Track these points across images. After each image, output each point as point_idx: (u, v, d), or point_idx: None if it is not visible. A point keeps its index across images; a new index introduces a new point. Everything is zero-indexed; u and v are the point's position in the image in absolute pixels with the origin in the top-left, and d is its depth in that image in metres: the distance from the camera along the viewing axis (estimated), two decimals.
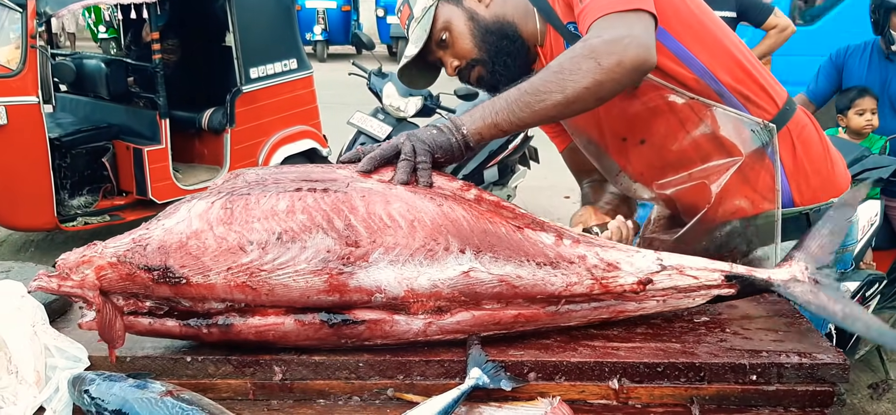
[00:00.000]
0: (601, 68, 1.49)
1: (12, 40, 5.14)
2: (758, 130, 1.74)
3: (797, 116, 1.84)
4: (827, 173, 1.87)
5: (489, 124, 1.51)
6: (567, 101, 1.51)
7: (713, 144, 1.76)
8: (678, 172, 1.82)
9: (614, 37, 1.51)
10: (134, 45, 6.67)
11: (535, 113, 1.52)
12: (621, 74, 1.51)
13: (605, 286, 1.42)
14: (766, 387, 1.33)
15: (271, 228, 1.30)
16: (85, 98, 6.31)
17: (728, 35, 1.80)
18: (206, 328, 1.34)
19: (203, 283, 1.29)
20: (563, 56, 1.54)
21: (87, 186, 5.81)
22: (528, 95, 1.51)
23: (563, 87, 1.50)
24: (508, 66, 1.80)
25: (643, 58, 1.52)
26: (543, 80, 1.51)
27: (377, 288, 1.31)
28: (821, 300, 1.43)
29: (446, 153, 1.49)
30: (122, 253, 1.30)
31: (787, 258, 1.49)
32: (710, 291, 1.46)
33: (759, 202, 1.78)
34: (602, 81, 1.50)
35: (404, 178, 1.42)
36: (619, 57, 1.49)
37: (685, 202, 1.86)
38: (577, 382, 1.34)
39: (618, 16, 1.53)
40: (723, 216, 1.79)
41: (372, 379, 1.35)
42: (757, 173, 1.76)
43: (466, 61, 1.82)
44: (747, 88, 1.77)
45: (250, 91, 6.09)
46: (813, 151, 1.85)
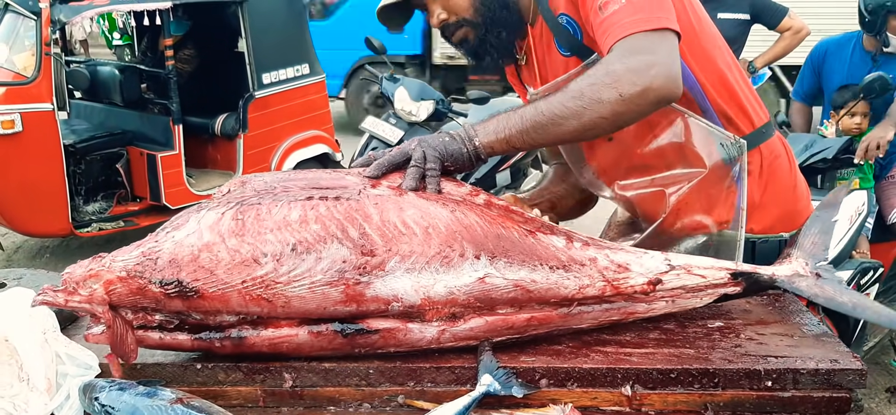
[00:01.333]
0: (623, 100, 1.43)
1: (27, 48, 5.18)
2: (727, 144, 1.68)
3: (772, 143, 1.79)
4: (789, 207, 1.81)
5: (502, 139, 1.48)
6: (583, 128, 1.47)
7: (680, 152, 1.71)
8: (642, 174, 1.77)
9: (639, 66, 1.44)
10: (148, 51, 6.71)
11: (550, 136, 1.49)
12: (644, 106, 1.47)
13: (617, 288, 1.41)
14: (781, 393, 1.31)
15: (285, 239, 1.28)
16: (99, 104, 6.36)
17: (722, 51, 1.75)
18: (219, 342, 1.32)
19: (217, 296, 1.28)
20: (584, 80, 1.47)
21: (102, 192, 5.85)
22: (545, 118, 1.46)
23: (581, 115, 1.45)
24: (502, 38, 1.72)
25: (669, 90, 1.47)
26: (562, 105, 1.46)
27: (394, 297, 1.30)
28: (827, 293, 1.44)
29: (456, 162, 1.47)
30: (132, 267, 1.28)
31: (785, 256, 1.50)
32: (717, 289, 1.46)
33: (719, 219, 1.72)
34: (622, 113, 1.46)
35: (413, 184, 1.40)
36: (643, 88, 1.43)
37: (644, 208, 1.82)
38: (589, 388, 1.33)
39: (643, 37, 1.46)
40: (682, 229, 1.73)
41: (382, 386, 1.34)
42: (720, 189, 1.71)
43: (457, 18, 1.70)
44: (728, 107, 1.72)
45: (263, 96, 6.11)
46: (780, 181, 1.80)
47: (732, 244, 1.69)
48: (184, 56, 6.22)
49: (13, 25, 5.25)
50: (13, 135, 5.05)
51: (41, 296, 1.26)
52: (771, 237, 1.77)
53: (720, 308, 1.56)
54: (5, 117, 5.01)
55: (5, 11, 5.23)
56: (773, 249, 1.74)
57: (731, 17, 4.83)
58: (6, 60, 5.19)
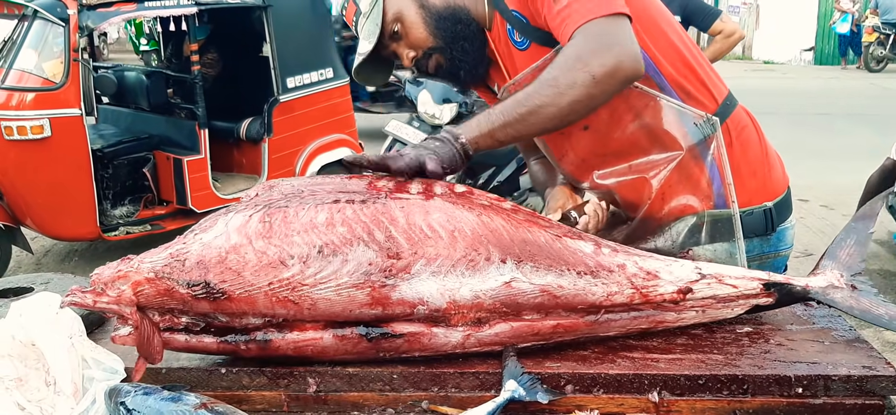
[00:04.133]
0: (596, 81, 1.52)
1: (56, 54, 5.25)
2: (700, 123, 1.72)
3: (737, 115, 1.82)
4: (764, 176, 1.85)
5: (485, 134, 1.54)
6: (561, 115, 1.55)
7: (655, 136, 1.73)
8: (619, 162, 1.79)
9: (604, 48, 1.53)
10: (174, 57, 6.78)
11: (531, 125, 1.56)
12: (615, 85, 1.55)
13: (646, 296, 1.39)
14: (812, 400, 1.29)
15: (312, 241, 1.28)
16: (126, 110, 6.42)
17: (674, 27, 1.79)
18: (245, 345, 1.32)
19: (244, 298, 1.28)
20: (555, 68, 1.55)
21: (129, 196, 5.91)
22: (523, 108, 1.53)
23: (558, 101, 1.53)
24: (466, 50, 1.77)
25: (635, 68, 1.56)
26: (538, 94, 1.53)
27: (419, 300, 1.30)
28: (863, 305, 1.44)
29: (450, 164, 1.51)
30: (160, 268, 1.28)
31: (819, 268, 1.50)
32: (749, 300, 1.45)
33: (703, 199, 1.75)
34: (595, 95, 1.54)
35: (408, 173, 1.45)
36: (613, 67, 1.52)
37: (625, 196, 1.81)
38: (615, 394, 1.31)
39: (602, 22, 1.54)
40: (669, 213, 1.76)
41: (406, 391, 1.33)
42: (700, 169, 1.74)
43: (423, 51, 1.78)
44: (688, 83, 1.75)
45: (287, 100, 6.14)
46: (751, 151, 1.83)
47: (727, 222, 1.73)
48: (208, 60, 6.27)
49: (42, 32, 5.31)
50: (42, 140, 5.11)
51: (70, 297, 1.27)
52: (755, 208, 1.80)
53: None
54: (34, 123, 5.07)
55: (34, 18, 5.30)
56: (759, 221, 1.80)
57: None
58: (35, 67, 5.26)
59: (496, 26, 1.78)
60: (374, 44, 1.76)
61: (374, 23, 1.75)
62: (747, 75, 16.49)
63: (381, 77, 1.93)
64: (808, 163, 8.68)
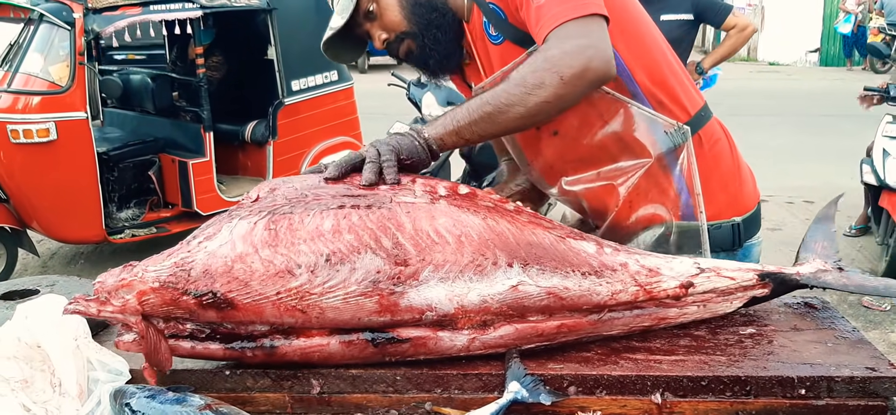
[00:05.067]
0: (564, 82, 1.49)
1: (61, 58, 5.27)
2: (671, 132, 1.70)
3: (711, 127, 1.80)
4: (735, 191, 1.83)
5: (451, 132, 1.54)
6: (529, 115, 1.53)
7: (624, 143, 1.72)
8: (588, 168, 1.77)
9: (575, 49, 1.50)
10: (179, 60, 6.79)
11: (497, 125, 1.54)
12: (583, 87, 1.53)
13: (649, 292, 1.40)
14: (815, 402, 1.29)
15: (319, 249, 1.27)
16: (132, 113, 6.44)
17: (653, 35, 1.77)
18: (251, 351, 1.32)
19: (252, 307, 1.27)
20: (524, 68, 1.53)
21: (135, 199, 5.93)
22: (490, 107, 1.52)
23: (526, 101, 1.51)
24: (439, 39, 1.75)
25: (605, 70, 1.53)
26: (506, 93, 1.52)
27: (428, 306, 1.30)
28: (856, 281, 1.50)
29: (411, 155, 1.50)
30: (166, 278, 1.27)
31: (801, 259, 1.56)
32: (747, 292, 1.47)
33: (671, 209, 1.73)
34: (564, 95, 1.51)
35: (372, 177, 1.43)
36: (582, 69, 1.50)
37: (593, 203, 1.80)
38: (618, 396, 1.31)
39: (576, 24, 1.52)
40: (637, 222, 1.75)
41: (410, 393, 1.33)
42: (668, 178, 1.72)
43: (395, 34, 1.76)
44: (661, 91, 1.72)
45: (292, 103, 6.16)
46: (723, 164, 1.81)
47: (694, 234, 1.72)
48: (213, 63, 6.29)
49: (48, 36, 5.34)
50: (48, 143, 5.14)
51: (73, 305, 1.27)
52: (723, 223, 1.78)
53: (752, 315, 1.54)
54: (40, 126, 5.10)
55: (40, 22, 5.32)
56: (727, 235, 1.78)
57: (675, 19, 4.74)
58: (41, 70, 5.28)
59: (474, 18, 1.76)
60: (347, 20, 1.74)
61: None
62: (752, 77, 16.47)
63: (351, 55, 1.90)
64: (813, 165, 8.67)
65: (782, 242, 6.24)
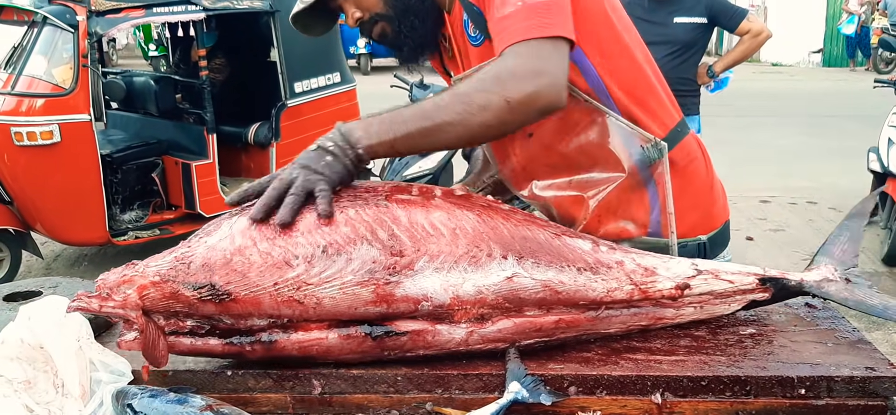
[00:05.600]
0: (509, 107, 1.41)
1: (65, 60, 5.29)
2: (648, 147, 1.66)
3: (687, 143, 1.75)
4: (706, 208, 1.79)
5: (386, 143, 1.42)
6: (470, 135, 1.45)
7: (600, 154, 1.67)
8: (560, 175, 1.73)
9: (528, 73, 1.41)
10: (182, 62, 6.81)
11: (435, 142, 1.45)
12: (529, 115, 1.44)
13: (645, 292, 1.41)
14: (815, 401, 1.29)
15: (316, 241, 1.30)
16: (135, 115, 6.46)
17: (633, 51, 1.71)
18: (250, 346, 1.33)
19: (250, 299, 1.29)
20: (472, 83, 1.44)
21: (138, 201, 5.95)
22: (430, 122, 1.42)
23: (468, 121, 1.41)
24: (415, 27, 1.68)
25: (554, 102, 1.44)
26: (448, 109, 1.42)
27: (423, 296, 1.31)
28: (857, 296, 1.47)
29: (342, 180, 1.39)
30: (165, 272, 1.30)
31: (814, 264, 1.53)
32: (746, 295, 1.47)
33: (640, 225, 1.70)
34: (508, 121, 1.43)
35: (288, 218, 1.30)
36: (530, 98, 1.41)
37: (562, 211, 1.76)
38: (618, 396, 1.32)
39: (535, 44, 1.43)
40: (604, 236, 1.65)
41: (410, 393, 1.34)
42: (640, 194, 1.69)
43: (370, 14, 1.69)
44: (638, 110, 1.67)
45: (295, 105, 6.17)
46: (697, 183, 1.77)
47: (662, 250, 1.65)
48: (216, 66, 6.31)
49: (51, 38, 5.36)
50: (52, 145, 5.15)
51: (76, 302, 1.28)
52: (690, 241, 1.74)
53: (752, 315, 1.54)
54: (44, 128, 5.11)
55: (44, 25, 5.34)
56: (693, 253, 1.71)
57: (688, 21, 4.71)
58: (45, 73, 5.30)
59: (455, 11, 1.70)
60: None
61: None
62: (755, 78, 16.46)
63: (321, 28, 1.82)
64: (817, 165, 8.66)
65: (785, 243, 6.25)
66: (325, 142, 1.41)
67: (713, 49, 18.44)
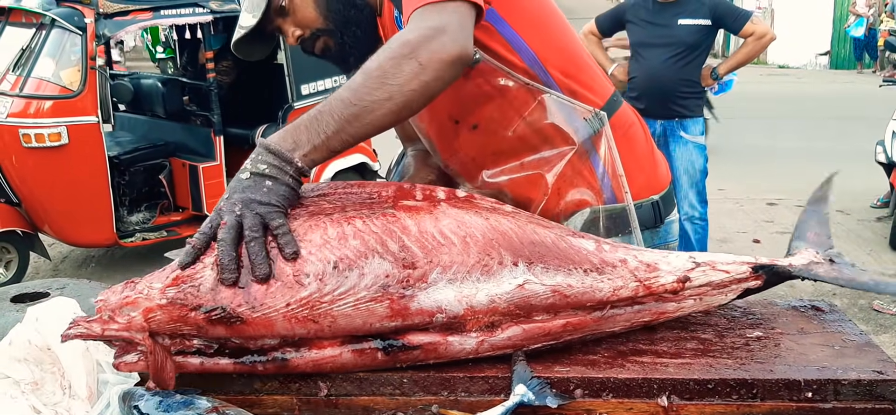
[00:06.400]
0: (422, 68, 1.40)
1: (73, 62, 5.31)
2: (589, 118, 1.73)
3: (623, 112, 1.83)
4: (650, 171, 1.87)
5: (320, 147, 1.37)
6: (398, 108, 1.42)
7: (545, 132, 1.73)
8: (509, 160, 1.76)
9: (428, 32, 1.43)
10: (189, 64, 6.83)
11: (367, 126, 1.41)
12: (443, 70, 1.43)
13: (649, 287, 1.41)
14: (822, 405, 1.29)
15: (325, 257, 1.27)
16: (142, 117, 6.48)
17: (565, 27, 1.78)
18: (262, 365, 1.31)
19: (262, 321, 1.25)
20: (382, 56, 1.43)
21: (145, 203, 5.97)
22: (355, 108, 1.39)
23: (391, 93, 1.40)
24: (358, 36, 1.69)
25: (458, 52, 1.44)
26: (368, 89, 1.40)
27: (438, 308, 1.30)
28: (846, 274, 1.50)
29: (290, 201, 1.33)
30: (173, 295, 1.25)
31: (793, 250, 1.56)
32: (741, 284, 1.47)
33: (595, 193, 1.76)
34: (427, 81, 1.42)
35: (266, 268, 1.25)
36: (436, 53, 1.42)
37: (518, 193, 1.78)
38: (624, 399, 1.31)
39: (433, 8, 1.46)
40: (565, 208, 1.76)
41: (416, 395, 1.34)
42: (590, 163, 1.75)
43: (310, 31, 1.70)
44: (575, 82, 1.73)
45: (302, 107, 6.16)
46: (638, 147, 1.85)
47: (620, 214, 1.76)
48: (223, 68, 6.32)
49: (59, 41, 5.38)
50: (60, 147, 5.17)
51: (73, 328, 1.22)
52: (643, 202, 1.82)
53: (758, 318, 1.54)
54: (52, 130, 5.14)
55: (52, 27, 5.36)
56: (648, 213, 1.81)
57: (692, 23, 4.71)
58: (53, 75, 5.32)
59: (386, 12, 1.72)
60: (260, 18, 1.67)
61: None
62: (762, 80, 16.42)
63: (261, 51, 1.83)
64: (824, 168, 8.61)
65: None
66: (258, 165, 1.33)
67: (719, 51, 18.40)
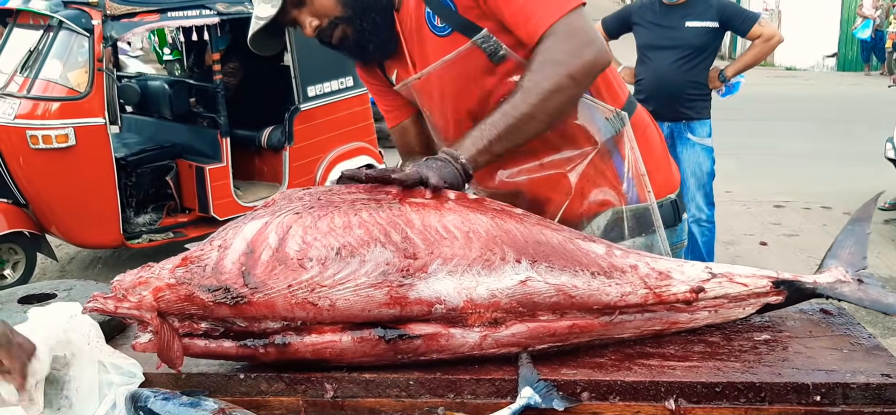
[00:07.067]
0: (576, 83, 1.58)
1: (80, 64, 5.32)
2: (611, 118, 1.74)
3: (639, 113, 1.85)
4: (666, 171, 1.91)
5: (483, 150, 1.55)
6: (549, 119, 1.60)
7: (567, 131, 1.73)
8: (529, 159, 1.77)
9: (579, 47, 1.57)
10: (196, 66, 6.84)
11: (524, 134, 1.58)
12: (591, 80, 1.63)
13: (659, 296, 1.40)
14: (830, 408, 1.28)
15: (330, 243, 1.30)
16: (149, 118, 6.49)
17: None
18: (263, 348, 1.34)
19: (264, 301, 1.29)
20: (537, 75, 1.56)
21: (152, 204, 5.97)
22: (514, 119, 1.55)
23: (546, 107, 1.56)
24: (377, 23, 1.70)
25: (607, 60, 1.62)
26: (526, 103, 1.55)
27: (437, 299, 1.31)
28: (872, 296, 1.49)
29: (451, 181, 1.48)
30: (181, 274, 1.30)
31: (824, 267, 1.54)
32: (760, 299, 1.46)
33: (618, 193, 1.77)
34: (577, 95, 1.63)
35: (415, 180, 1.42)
36: (589, 66, 1.59)
37: (536, 194, 1.78)
38: (631, 402, 1.31)
39: (566, 20, 1.56)
40: (588, 209, 1.77)
41: (422, 397, 1.34)
42: (612, 163, 1.77)
43: (328, 20, 1.69)
44: (599, 80, 1.74)
45: (308, 109, 6.18)
46: (654, 147, 1.87)
47: (643, 213, 1.78)
48: (230, 70, 6.32)
49: (67, 42, 5.39)
50: (67, 149, 5.18)
51: (92, 303, 1.29)
52: (664, 200, 1.84)
53: (766, 321, 1.53)
54: (59, 132, 5.14)
55: (59, 29, 5.37)
56: (669, 212, 1.84)
57: (700, 26, 4.69)
58: (60, 77, 5.33)
59: (407, 9, 1.71)
60: (278, 8, 1.67)
61: None
62: (770, 82, 16.38)
63: (276, 44, 1.85)
64: (831, 170, 8.60)
65: (799, 248, 6.20)
66: (434, 156, 1.54)
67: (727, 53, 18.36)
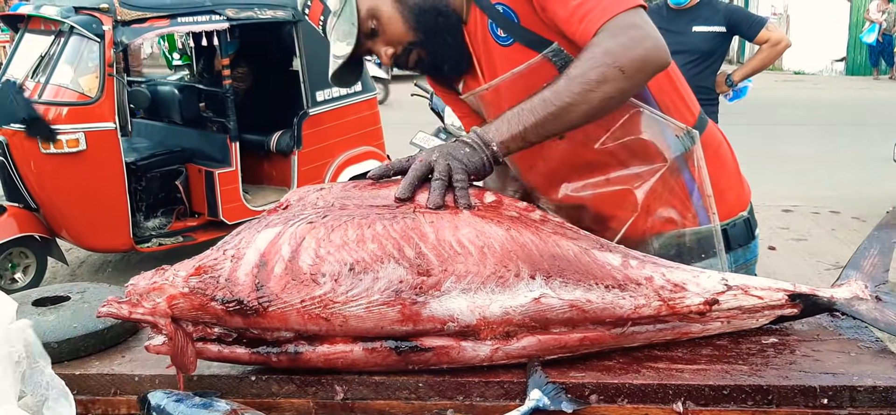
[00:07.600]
0: (625, 76, 1.49)
1: (91, 69, 5.35)
2: (681, 136, 1.70)
3: (711, 130, 1.82)
4: (738, 188, 1.88)
5: (517, 136, 1.50)
6: (593, 111, 1.52)
7: (636, 148, 1.70)
8: (593, 174, 1.75)
9: (633, 42, 1.49)
10: (205, 71, 6.87)
11: (562, 123, 1.52)
12: (644, 77, 1.54)
13: (673, 308, 1.40)
14: (838, 411, 1.29)
15: (343, 258, 1.29)
16: (159, 123, 6.52)
17: None
18: (276, 356, 1.34)
19: (277, 314, 1.29)
20: (584, 64, 1.50)
21: (162, 209, 6.00)
22: (554, 106, 1.49)
23: (590, 98, 1.49)
24: (448, 43, 1.72)
25: (663, 58, 1.53)
26: (569, 92, 1.49)
27: (450, 317, 1.31)
28: (888, 317, 1.44)
29: (478, 172, 1.47)
30: (195, 284, 1.30)
31: (843, 278, 1.50)
32: (774, 311, 1.45)
33: (685, 213, 1.74)
34: (626, 89, 1.52)
35: (439, 201, 1.40)
36: (642, 61, 1.50)
37: (601, 209, 1.77)
38: (640, 404, 1.32)
39: (625, 16, 1.51)
40: (652, 227, 1.74)
41: (432, 400, 1.35)
42: (680, 182, 1.73)
43: (402, 46, 1.71)
44: (669, 98, 1.73)
45: (317, 114, 6.20)
46: (727, 165, 1.85)
47: (709, 236, 1.74)
48: (239, 74, 6.35)
49: (77, 47, 5.42)
50: (77, 153, 5.21)
51: (106, 307, 1.30)
52: (736, 219, 1.82)
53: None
54: (70, 136, 5.18)
55: (70, 34, 5.41)
56: (742, 231, 1.82)
57: (707, 30, 4.68)
58: (71, 82, 5.37)
59: (473, 20, 1.72)
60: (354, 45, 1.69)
61: (349, 22, 1.68)
62: (778, 86, 16.33)
63: (354, 77, 1.87)
64: (840, 175, 8.58)
65: (808, 252, 6.19)
66: (464, 136, 1.50)
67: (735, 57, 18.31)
